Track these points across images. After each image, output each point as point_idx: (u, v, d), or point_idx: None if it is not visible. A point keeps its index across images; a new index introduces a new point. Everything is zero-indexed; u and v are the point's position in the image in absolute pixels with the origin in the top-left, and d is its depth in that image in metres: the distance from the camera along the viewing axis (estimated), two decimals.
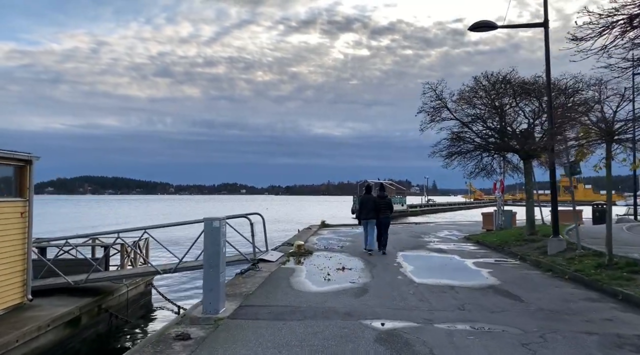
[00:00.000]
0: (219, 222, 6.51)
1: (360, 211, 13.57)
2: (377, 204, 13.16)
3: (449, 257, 12.61)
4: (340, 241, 16.50)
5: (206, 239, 6.53)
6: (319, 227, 22.78)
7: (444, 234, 19.72)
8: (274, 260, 11.36)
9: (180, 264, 11.34)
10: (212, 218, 6.58)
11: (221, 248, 6.55)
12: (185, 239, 12.91)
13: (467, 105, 14.98)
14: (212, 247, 6.49)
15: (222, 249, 6.58)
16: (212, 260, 6.46)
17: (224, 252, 6.72)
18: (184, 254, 10.72)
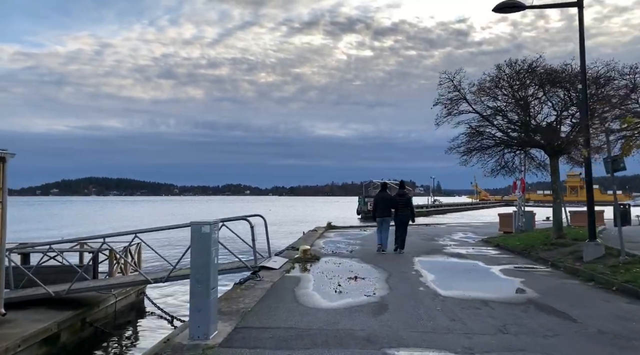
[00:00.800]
0: (209, 226, 5.31)
1: (376, 209, 13.27)
2: (395, 202, 12.89)
3: (472, 264, 11.38)
4: (348, 245, 15.29)
5: (193, 248, 5.34)
6: (325, 229, 21.56)
7: (458, 237, 18.48)
8: (277, 267, 10.17)
9: (174, 271, 10.16)
10: (200, 222, 5.39)
11: (212, 259, 5.35)
12: (187, 241, 11.74)
13: (487, 96, 13.72)
14: (200, 257, 5.29)
15: (213, 260, 5.39)
16: (200, 274, 5.26)
17: (215, 263, 5.52)
18: (178, 260, 9.58)
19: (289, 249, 13.60)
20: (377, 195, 13.84)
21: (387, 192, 13.74)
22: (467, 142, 14.29)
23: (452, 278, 9.44)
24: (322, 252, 13.17)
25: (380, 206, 13.09)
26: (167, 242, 25.39)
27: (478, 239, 17.42)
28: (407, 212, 12.91)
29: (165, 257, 10.54)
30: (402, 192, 13.41)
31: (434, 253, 13.26)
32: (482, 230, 21.72)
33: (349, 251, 13.56)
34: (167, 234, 39.19)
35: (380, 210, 13.00)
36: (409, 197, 13.44)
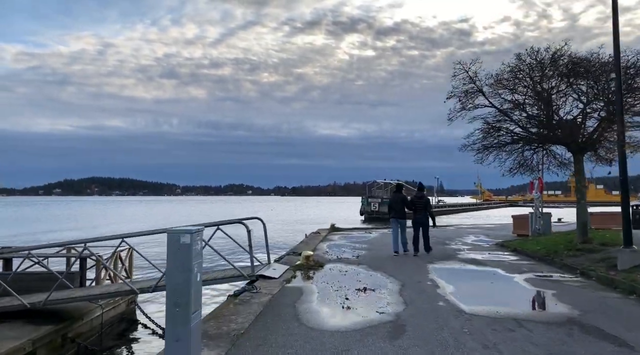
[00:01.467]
0: (189, 236, 4.27)
1: (390, 210, 13.23)
2: (411, 203, 12.93)
3: (491, 272, 10.32)
4: (354, 249, 14.24)
5: (170, 262, 4.31)
6: (329, 232, 20.51)
7: (470, 240, 17.40)
8: (277, 276, 9.13)
9: (162, 280, 9.15)
10: (178, 230, 4.35)
11: (193, 275, 4.32)
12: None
13: (505, 89, 12.63)
14: (178, 274, 4.26)
15: (195, 277, 4.36)
16: (178, 294, 4.23)
17: (198, 280, 4.48)
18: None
19: (290, 254, 12.58)
20: (392, 196, 13.72)
21: (402, 193, 13.48)
22: (483, 138, 13.21)
23: (473, 289, 8.39)
24: (326, 258, 12.14)
25: (396, 207, 12.91)
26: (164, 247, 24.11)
27: (492, 242, 16.36)
28: (426, 214, 12.79)
29: (160, 262, 9.52)
30: (421, 194, 13.27)
31: (448, 259, 12.20)
32: (494, 232, 20.66)
33: (355, 256, 12.52)
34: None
35: (395, 211, 12.84)
36: (427, 199, 13.26)
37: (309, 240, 16.66)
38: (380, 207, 54.23)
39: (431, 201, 13.62)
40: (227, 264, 9.22)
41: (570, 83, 11.73)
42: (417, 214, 12.74)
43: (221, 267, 10.30)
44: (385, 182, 62.41)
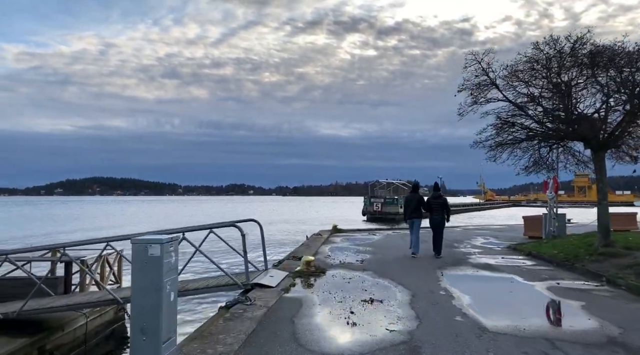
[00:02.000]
0: (159, 246, 3.45)
1: (406, 210, 13.13)
2: (427, 203, 12.70)
3: (508, 279, 9.47)
4: (358, 253, 13.40)
5: (135, 278, 3.49)
6: (331, 233, 19.66)
7: (480, 243, 16.54)
8: (274, 285, 8.30)
9: None
10: (145, 239, 3.52)
11: (165, 294, 3.50)
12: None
13: (520, 82, 11.76)
14: (146, 293, 3.45)
15: (167, 296, 3.54)
16: (145, 319, 3.41)
17: (172, 299, 3.66)
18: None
19: (289, 258, 11.74)
20: (409, 196, 13.53)
21: (418, 193, 13.23)
22: (496, 135, 12.35)
23: (492, 300, 7.55)
24: (328, 263, 11.30)
25: (412, 207, 12.79)
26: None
27: (503, 245, 15.50)
28: (442, 214, 12.62)
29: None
30: (438, 194, 13.03)
31: (460, 264, 11.35)
32: (503, 234, 19.79)
33: (360, 261, 11.68)
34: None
35: (411, 211, 12.77)
36: (444, 200, 12.97)
37: (310, 243, 15.83)
38: (383, 207, 53.41)
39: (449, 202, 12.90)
40: (223, 271, 8.42)
41: (592, 74, 10.84)
42: (434, 214, 12.55)
43: (212, 273, 9.47)
44: (387, 181, 61.56)
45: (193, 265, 19.12)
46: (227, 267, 9.94)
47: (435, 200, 12.71)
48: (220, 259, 18.73)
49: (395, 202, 54.56)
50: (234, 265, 12.63)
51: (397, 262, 11.56)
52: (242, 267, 8.58)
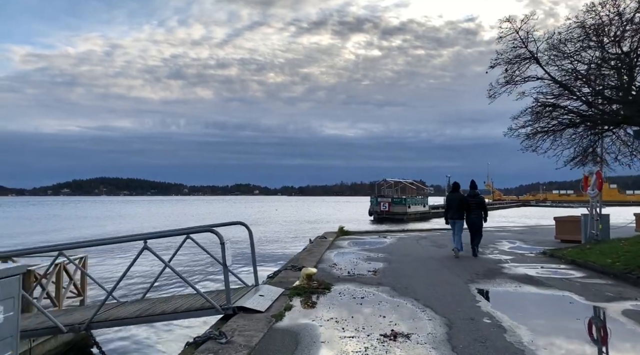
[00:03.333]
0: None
1: (447, 211, 12.74)
2: (467, 203, 12.23)
3: (563, 298, 7.46)
4: (369, 261, 11.42)
5: None
6: (337, 236, 17.69)
7: (507, 247, 14.51)
8: (264, 309, 6.33)
9: (98, 315, 6.46)
10: None
11: None
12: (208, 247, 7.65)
13: (566, 58, 9.72)
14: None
15: None
16: None
17: None
18: (112, 287, 5.97)
19: (288, 268, 9.77)
20: (450, 196, 12.95)
21: (459, 193, 12.68)
22: (536, 119, 10.33)
23: (559, 335, 5.54)
24: (334, 274, 9.33)
25: (453, 207, 12.36)
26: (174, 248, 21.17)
27: (535, 250, 13.47)
28: (480, 214, 12.24)
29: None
30: (474, 192, 12.63)
31: (494, 275, 9.34)
32: (528, 237, 17.73)
33: (372, 272, 9.69)
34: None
35: (453, 212, 12.36)
36: (482, 199, 12.72)
37: (314, 248, 13.86)
38: (390, 207, 51.33)
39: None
40: (205, 286, 6.51)
41: None
42: (471, 214, 12.20)
43: (186, 291, 7.52)
44: (395, 180, 59.45)
45: (190, 269, 17.26)
46: (214, 280, 8.01)
47: (472, 199, 12.36)
48: (207, 270, 16.93)
49: (403, 201, 52.48)
50: (217, 280, 10.69)
51: (418, 273, 9.57)
52: (235, 282, 6.69)
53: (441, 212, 66.34)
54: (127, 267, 6.45)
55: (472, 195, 12.53)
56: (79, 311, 7.26)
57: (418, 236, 18.34)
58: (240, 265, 13.34)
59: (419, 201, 57.12)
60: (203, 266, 17.17)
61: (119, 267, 17.50)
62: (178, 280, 13.71)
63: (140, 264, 8.83)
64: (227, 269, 6.13)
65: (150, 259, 7.36)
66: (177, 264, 17.17)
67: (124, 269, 6.54)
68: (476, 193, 12.71)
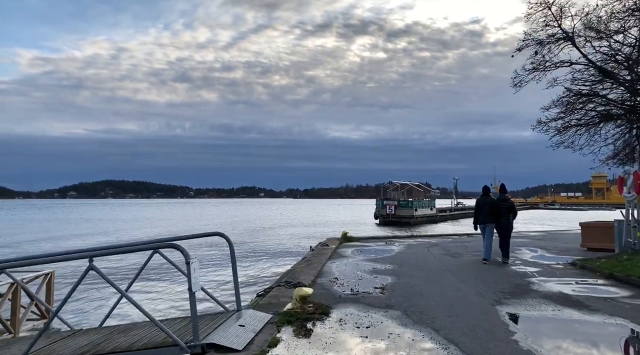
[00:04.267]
0: None
1: (477, 215, 12.15)
2: (498, 207, 11.79)
3: (616, 326, 6.02)
4: (375, 274, 10.01)
5: None
6: (340, 243, 16.28)
7: (529, 256, 13.05)
8: (241, 347, 4.94)
9: (37, 351, 5.13)
10: None
11: None
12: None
13: (604, 39, 8.29)
14: None
15: None
16: None
17: None
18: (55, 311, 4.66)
19: (281, 284, 8.37)
20: (480, 199, 12.29)
21: (490, 197, 12.19)
22: (569, 111, 8.90)
23: None
24: (335, 292, 7.94)
25: (484, 211, 11.87)
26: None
27: (562, 260, 12.00)
28: (509, 218, 11.85)
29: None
30: (504, 196, 12.20)
31: (523, 294, 7.91)
32: (549, 244, 16.25)
33: (380, 289, 8.28)
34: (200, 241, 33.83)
35: (482, 217, 11.88)
36: (512, 203, 12.15)
37: (313, 257, 12.47)
38: (397, 210, 49.80)
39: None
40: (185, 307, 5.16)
41: None
42: (502, 218, 11.77)
43: (140, 323, 6.13)
44: (401, 183, 57.91)
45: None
46: (201, 298, 6.66)
47: (503, 203, 11.93)
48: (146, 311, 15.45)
49: (410, 204, 50.92)
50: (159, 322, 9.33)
51: (433, 291, 8.15)
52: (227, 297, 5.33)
53: (449, 215, 64.66)
54: (71, 288, 5.12)
55: (503, 200, 12.10)
56: (19, 343, 5.90)
57: (428, 243, 16.90)
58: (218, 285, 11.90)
59: (426, 204, 55.54)
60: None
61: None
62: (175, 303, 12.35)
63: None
64: (194, 297, 4.76)
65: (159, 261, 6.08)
66: (157, 273, 15.60)
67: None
68: (506, 197, 12.27)
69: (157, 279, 15.15)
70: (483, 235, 12.00)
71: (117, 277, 14.82)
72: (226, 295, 10.75)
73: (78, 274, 5.40)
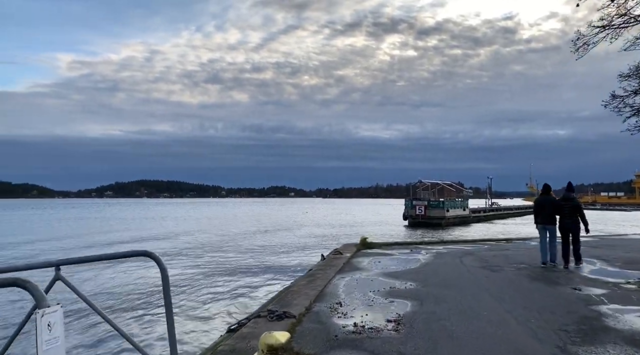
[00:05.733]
0: None
1: (536, 215, 11.63)
2: (560, 207, 11.21)
3: None
4: (392, 296, 7.82)
5: None
6: (356, 250, 14.12)
7: (587, 271, 10.56)
8: None
9: None
10: None
11: None
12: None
13: None
14: None
15: None
16: None
17: None
18: None
19: (262, 315, 6.29)
20: (539, 198, 11.87)
21: (550, 196, 11.58)
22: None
23: None
24: (332, 328, 5.82)
25: (543, 211, 11.37)
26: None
27: (631, 277, 9.51)
28: (574, 219, 11.06)
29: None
30: (570, 195, 11.35)
31: (596, 334, 5.59)
32: (607, 252, 13.65)
33: (394, 322, 6.11)
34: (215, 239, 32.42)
35: (541, 217, 11.37)
36: (577, 203, 11.19)
37: (320, 270, 10.36)
38: (427, 211, 47.08)
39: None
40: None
41: None
42: (566, 218, 11.17)
43: None
44: (432, 182, 55.04)
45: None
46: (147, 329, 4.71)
47: (566, 202, 11.21)
48: (142, 305, 12.25)
49: (441, 205, 48.10)
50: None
51: (468, 327, 5.92)
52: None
53: (483, 216, 61.25)
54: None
55: (566, 199, 11.28)
56: None
57: (461, 251, 14.55)
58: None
59: (458, 204, 52.54)
60: (138, 296, 13.86)
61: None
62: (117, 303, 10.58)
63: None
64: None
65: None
66: (112, 292, 13.84)
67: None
68: (571, 196, 11.32)
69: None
70: (541, 237, 11.45)
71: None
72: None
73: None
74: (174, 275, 16.50)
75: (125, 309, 12.20)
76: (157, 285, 13.53)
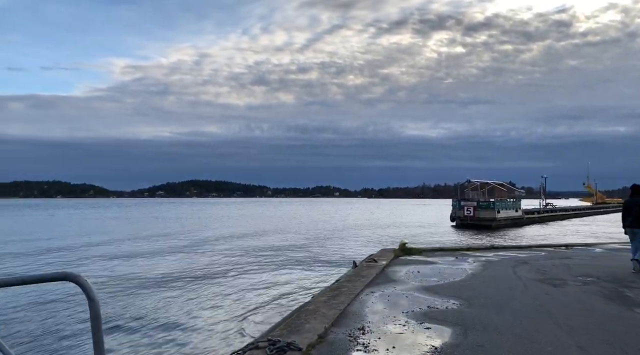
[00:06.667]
0: None
1: (625, 217, 10.67)
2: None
3: None
4: (429, 317, 6.36)
5: None
6: (394, 257, 12.64)
7: None
8: None
9: None
10: None
11: None
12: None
13: None
14: None
15: None
16: None
17: None
18: None
19: (260, 345, 5.05)
20: (629, 200, 11.02)
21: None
22: None
23: None
24: None
25: (632, 214, 10.46)
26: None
27: None
28: None
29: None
30: None
31: None
32: None
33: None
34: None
35: (633, 219, 10.43)
36: None
37: (348, 281, 9.01)
38: (475, 212, 44.50)
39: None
40: None
41: None
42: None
43: None
44: (481, 182, 52.17)
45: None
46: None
47: None
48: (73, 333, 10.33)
49: (491, 205, 45.32)
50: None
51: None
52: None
53: (537, 217, 57.48)
54: None
55: None
56: None
57: (514, 259, 12.77)
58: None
59: (510, 205, 49.45)
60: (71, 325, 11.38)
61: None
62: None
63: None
64: None
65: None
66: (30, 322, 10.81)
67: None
68: None
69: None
70: (631, 240, 10.84)
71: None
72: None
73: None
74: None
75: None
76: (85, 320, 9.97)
